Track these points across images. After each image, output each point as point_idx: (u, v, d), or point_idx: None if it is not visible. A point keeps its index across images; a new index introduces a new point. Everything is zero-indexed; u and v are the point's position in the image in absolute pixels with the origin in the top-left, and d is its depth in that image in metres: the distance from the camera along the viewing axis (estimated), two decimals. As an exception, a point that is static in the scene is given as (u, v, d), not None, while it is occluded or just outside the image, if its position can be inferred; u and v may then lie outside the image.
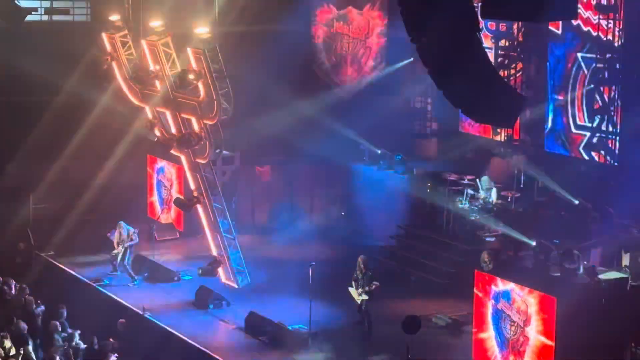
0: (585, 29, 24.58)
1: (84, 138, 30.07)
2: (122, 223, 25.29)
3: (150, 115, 25.85)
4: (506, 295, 19.41)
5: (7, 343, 18.52)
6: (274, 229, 29.46)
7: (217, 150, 24.01)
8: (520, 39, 26.67)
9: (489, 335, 19.88)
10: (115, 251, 25.22)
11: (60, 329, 19.67)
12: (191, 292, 24.08)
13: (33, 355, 18.55)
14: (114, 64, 26.29)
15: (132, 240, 25.18)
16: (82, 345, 19.27)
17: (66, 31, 29.61)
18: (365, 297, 21.79)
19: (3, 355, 17.91)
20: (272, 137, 28.73)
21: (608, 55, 24.23)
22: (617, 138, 24.25)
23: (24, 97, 29.53)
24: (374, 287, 21.77)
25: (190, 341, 21.16)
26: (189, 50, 23.25)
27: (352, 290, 21.96)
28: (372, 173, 29.03)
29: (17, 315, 20.33)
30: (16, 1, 26.02)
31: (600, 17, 24.21)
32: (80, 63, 28.27)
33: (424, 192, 26.85)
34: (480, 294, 20.09)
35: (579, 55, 24.89)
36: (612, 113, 24.29)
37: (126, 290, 24.50)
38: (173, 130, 24.86)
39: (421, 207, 26.97)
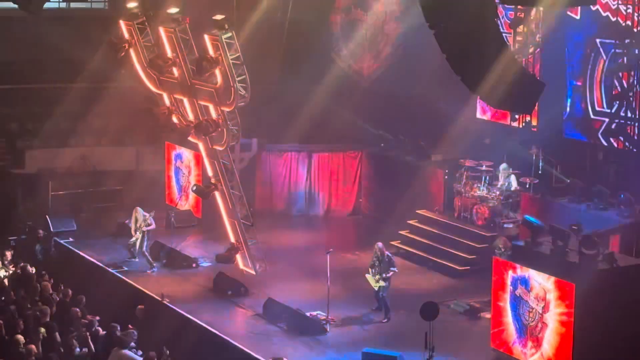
0: (604, 14, 24.45)
1: (102, 125, 30.18)
2: (138, 208, 25.31)
3: (167, 102, 25.87)
4: (524, 281, 19.38)
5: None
6: (292, 216, 29.48)
7: (234, 137, 24.02)
8: (539, 24, 26.53)
9: (507, 321, 19.86)
10: (133, 238, 25.27)
11: (80, 315, 19.70)
12: (209, 278, 24.14)
13: (59, 339, 18.62)
14: (131, 51, 26.28)
15: (148, 225, 25.21)
16: (102, 332, 19.30)
17: (84, 18, 29.66)
18: (382, 283, 21.80)
19: (23, 342, 17.97)
20: (290, 124, 28.71)
21: (627, 41, 24.09)
22: (637, 124, 24.14)
23: (43, 83, 29.60)
24: (391, 273, 21.80)
25: (208, 327, 21.19)
26: (206, 37, 23.24)
27: (370, 277, 21.97)
28: (390, 159, 28.97)
29: (35, 302, 20.37)
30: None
31: (619, 2, 24.08)
32: (99, 50, 28.28)
33: (442, 178, 26.82)
34: (498, 281, 20.07)
35: (598, 40, 24.76)
36: (631, 99, 24.17)
37: (144, 277, 24.56)
38: (191, 117, 24.88)
39: (439, 193, 26.92)
